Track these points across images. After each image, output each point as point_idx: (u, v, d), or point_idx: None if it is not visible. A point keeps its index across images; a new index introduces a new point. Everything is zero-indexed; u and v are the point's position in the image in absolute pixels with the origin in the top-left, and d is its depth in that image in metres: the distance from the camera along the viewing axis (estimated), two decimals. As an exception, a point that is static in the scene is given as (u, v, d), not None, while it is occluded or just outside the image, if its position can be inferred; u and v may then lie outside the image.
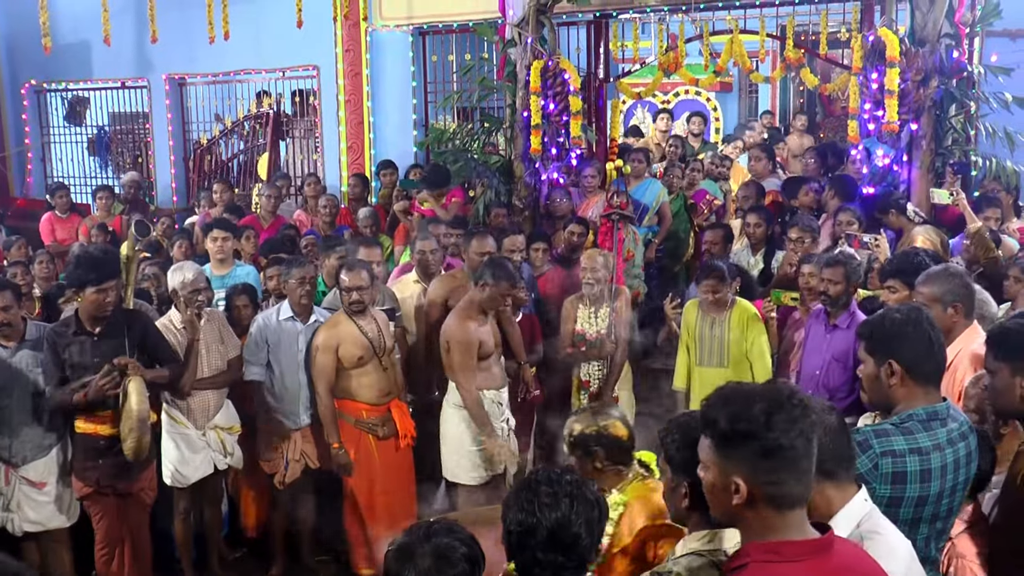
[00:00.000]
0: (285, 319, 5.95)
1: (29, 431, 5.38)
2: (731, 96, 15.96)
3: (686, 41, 10.46)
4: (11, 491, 5.39)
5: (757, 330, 6.09)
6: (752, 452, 2.17)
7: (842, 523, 2.63)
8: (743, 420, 2.18)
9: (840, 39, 10.95)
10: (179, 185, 12.89)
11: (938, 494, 2.96)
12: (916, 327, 3.08)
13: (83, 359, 5.24)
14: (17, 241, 8.86)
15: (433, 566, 2.58)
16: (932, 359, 3.09)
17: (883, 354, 3.10)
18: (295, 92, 12.58)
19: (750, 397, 2.21)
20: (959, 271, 4.53)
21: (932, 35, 7.60)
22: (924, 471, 2.93)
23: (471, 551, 2.66)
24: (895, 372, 3.06)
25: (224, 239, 7.21)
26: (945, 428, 3.01)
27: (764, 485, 2.18)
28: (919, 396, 3.06)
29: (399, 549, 2.65)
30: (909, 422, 2.99)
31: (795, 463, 2.18)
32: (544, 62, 8.26)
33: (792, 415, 2.16)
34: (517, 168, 8.57)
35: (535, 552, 2.52)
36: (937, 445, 2.97)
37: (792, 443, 2.16)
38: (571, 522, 2.51)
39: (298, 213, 9.61)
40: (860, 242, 6.20)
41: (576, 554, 2.54)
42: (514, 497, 2.60)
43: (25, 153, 13.94)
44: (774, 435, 2.15)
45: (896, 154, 7.77)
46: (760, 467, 2.18)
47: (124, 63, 12.64)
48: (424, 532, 2.67)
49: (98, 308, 5.22)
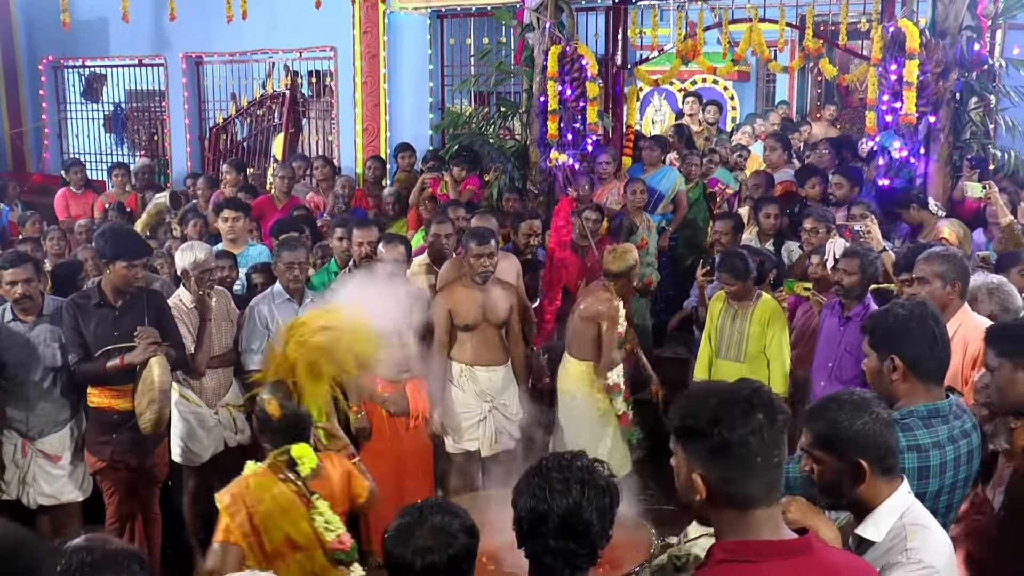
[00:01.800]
0: (281, 302, 5.95)
1: (45, 405, 5.41)
2: (748, 85, 15.91)
3: (705, 29, 10.42)
4: (27, 464, 5.43)
5: (779, 327, 6.04)
6: (702, 448, 2.18)
7: (885, 515, 2.63)
8: (691, 416, 2.19)
9: (860, 29, 10.89)
10: (194, 164, 12.89)
11: (936, 491, 2.95)
12: (920, 323, 3.08)
13: (103, 331, 5.28)
14: (32, 217, 8.89)
15: (434, 544, 2.63)
16: (935, 356, 3.08)
17: (886, 349, 3.10)
18: (311, 73, 12.57)
19: (707, 394, 2.22)
20: (960, 253, 4.67)
21: (953, 27, 7.56)
22: (923, 468, 2.92)
23: (469, 526, 2.72)
24: (897, 368, 3.06)
25: (235, 219, 7.21)
26: (947, 425, 3.00)
27: (719, 482, 2.18)
28: (920, 393, 3.06)
29: (398, 531, 2.70)
30: (909, 419, 2.99)
31: (746, 461, 2.15)
32: (562, 47, 8.24)
33: (746, 413, 2.14)
34: (532, 153, 8.56)
35: (547, 539, 2.51)
36: (937, 443, 2.96)
37: (743, 441, 2.13)
38: (582, 508, 2.50)
39: (311, 195, 9.63)
40: (851, 231, 6.17)
41: (588, 541, 2.53)
42: (525, 483, 2.59)
43: (42, 129, 13.98)
44: (721, 432, 2.14)
45: (913, 147, 7.73)
46: (713, 464, 2.17)
47: (141, 41, 12.65)
48: (420, 512, 2.72)
49: (126, 283, 5.28)
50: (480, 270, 5.90)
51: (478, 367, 6.09)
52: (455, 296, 6.00)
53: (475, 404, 6.07)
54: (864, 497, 2.63)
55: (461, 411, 6.08)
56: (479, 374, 6.09)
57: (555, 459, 2.63)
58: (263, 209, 8.44)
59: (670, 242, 8.82)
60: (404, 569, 2.66)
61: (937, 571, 2.54)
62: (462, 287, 6.01)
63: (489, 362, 6.10)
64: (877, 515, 2.62)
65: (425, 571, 2.63)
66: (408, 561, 2.64)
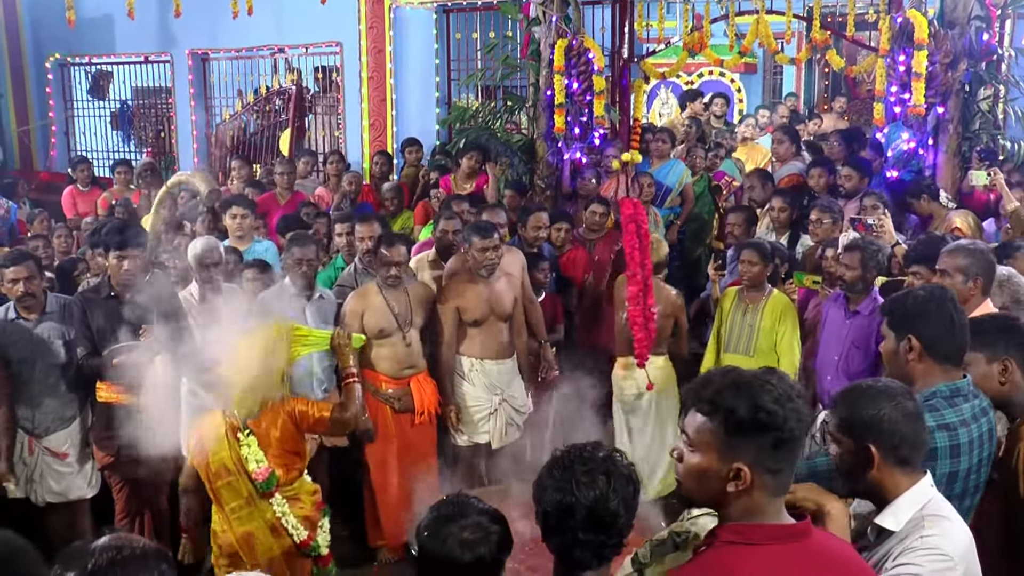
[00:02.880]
0: (291, 295, 5.95)
1: (51, 402, 5.42)
2: (755, 77, 15.87)
3: (711, 21, 10.39)
4: (34, 461, 5.44)
5: (790, 323, 6.02)
6: (766, 442, 2.17)
7: (905, 506, 2.64)
8: (763, 411, 2.16)
9: (867, 20, 10.86)
10: (201, 160, 12.90)
11: (967, 470, 2.96)
12: (939, 305, 3.11)
13: (110, 323, 5.28)
14: (40, 214, 8.90)
15: (470, 539, 2.62)
16: (952, 339, 3.09)
17: (903, 330, 3.13)
18: (318, 68, 12.56)
19: (760, 386, 2.19)
20: (985, 247, 4.58)
21: (962, 17, 7.51)
22: (953, 447, 2.92)
23: (498, 516, 2.72)
24: (913, 348, 3.08)
25: (243, 216, 7.21)
26: (968, 403, 3.02)
27: (765, 473, 2.18)
28: (937, 374, 3.07)
29: (433, 524, 2.68)
30: (933, 399, 2.99)
31: (797, 453, 2.23)
32: (568, 41, 8.20)
33: (798, 407, 2.18)
34: (539, 147, 8.54)
35: (575, 532, 2.50)
36: (963, 420, 2.97)
37: (801, 435, 2.19)
38: (608, 499, 2.50)
39: (319, 190, 9.62)
40: (864, 225, 6.14)
41: (616, 531, 2.53)
42: (548, 476, 2.57)
43: (49, 127, 14.01)
44: (790, 426, 2.16)
45: (921, 138, 7.69)
46: (768, 456, 2.18)
47: (147, 38, 12.66)
48: (455, 507, 2.71)
49: (117, 274, 5.28)
50: (484, 263, 5.89)
51: (487, 360, 6.09)
52: (462, 292, 5.99)
53: (485, 397, 6.08)
54: (882, 486, 2.65)
55: (472, 405, 6.08)
56: (488, 367, 6.09)
57: (576, 451, 2.61)
58: (267, 206, 8.45)
59: (678, 235, 8.79)
60: (448, 562, 2.63)
61: (950, 559, 2.54)
62: (468, 283, 6.00)
63: (497, 355, 6.10)
64: (896, 505, 2.64)
65: (473, 565, 2.61)
66: (454, 555, 2.61)
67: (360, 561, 6.13)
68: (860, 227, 6.13)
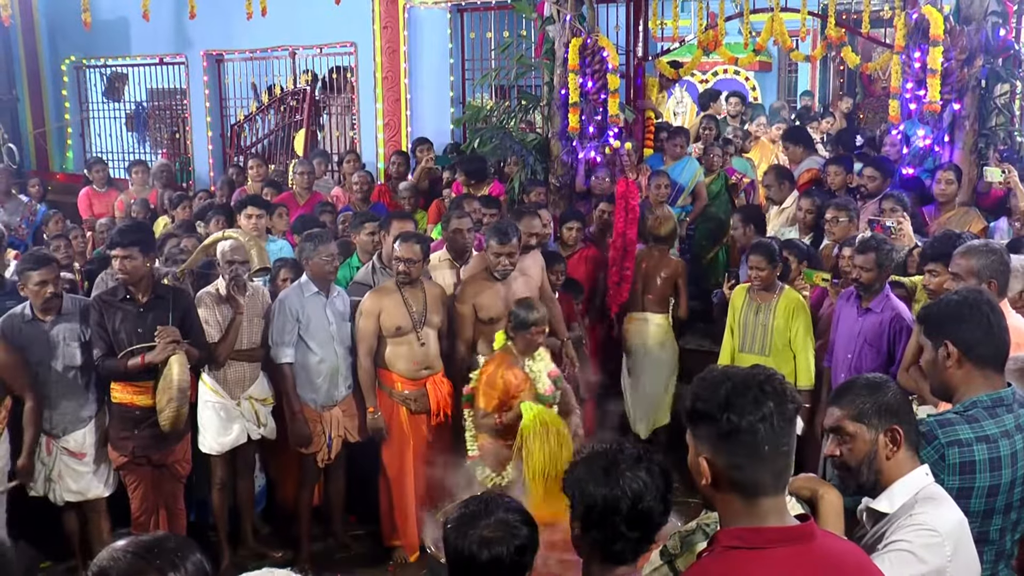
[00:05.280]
0: (311, 295, 5.96)
1: (67, 403, 5.48)
2: (770, 75, 15.80)
3: (726, 19, 10.36)
4: (53, 461, 5.50)
5: (802, 320, 6.01)
6: (712, 433, 2.15)
7: (900, 491, 2.66)
8: (703, 400, 2.17)
9: (883, 17, 10.82)
10: (216, 161, 12.95)
11: (1010, 483, 2.89)
12: (974, 309, 3.00)
13: (126, 327, 5.33)
14: (55, 215, 8.94)
15: (498, 536, 2.63)
16: (991, 342, 2.99)
17: (939, 336, 3.03)
18: (332, 69, 12.58)
19: (721, 379, 2.18)
20: (999, 247, 4.46)
21: (978, 13, 7.47)
22: (993, 459, 2.86)
23: (529, 518, 2.72)
24: (951, 354, 2.99)
25: (258, 216, 7.22)
26: (1012, 414, 2.94)
27: (726, 468, 2.15)
28: (978, 380, 2.98)
29: (461, 522, 2.68)
30: (973, 409, 2.92)
31: (754, 448, 2.12)
32: (583, 40, 8.19)
33: (757, 400, 2.12)
34: (554, 147, 8.53)
35: (619, 527, 2.52)
36: (1005, 432, 2.89)
37: (752, 427, 2.10)
38: (651, 494, 2.53)
39: (336, 190, 9.64)
40: (883, 227, 6.10)
41: (655, 527, 2.56)
42: (587, 472, 2.58)
43: (65, 129, 14.07)
44: (731, 417, 2.11)
45: (937, 135, 7.65)
46: (720, 449, 2.15)
47: (162, 39, 12.71)
48: (483, 505, 2.72)
49: (121, 272, 5.31)
50: (499, 268, 5.88)
51: None
52: (479, 291, 5.99)
53: None
54: (888, 473, 2.67)
55: None
56: None
57: (616, 446, 2.63)
58: (286, 205, 8.45)
59: (688, 231, 8.79)
60: (467, 560, 2.64)
61: (939, 535, 2.54)
62: (484, 281, 6.00)
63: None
64: (892, 490, 2.66)
65: (491, 563, 2.62)
66: (473, 553, 2.62)
67: (376, 561, 6.15)
68: (879, 229, 6.10)
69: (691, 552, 2.60)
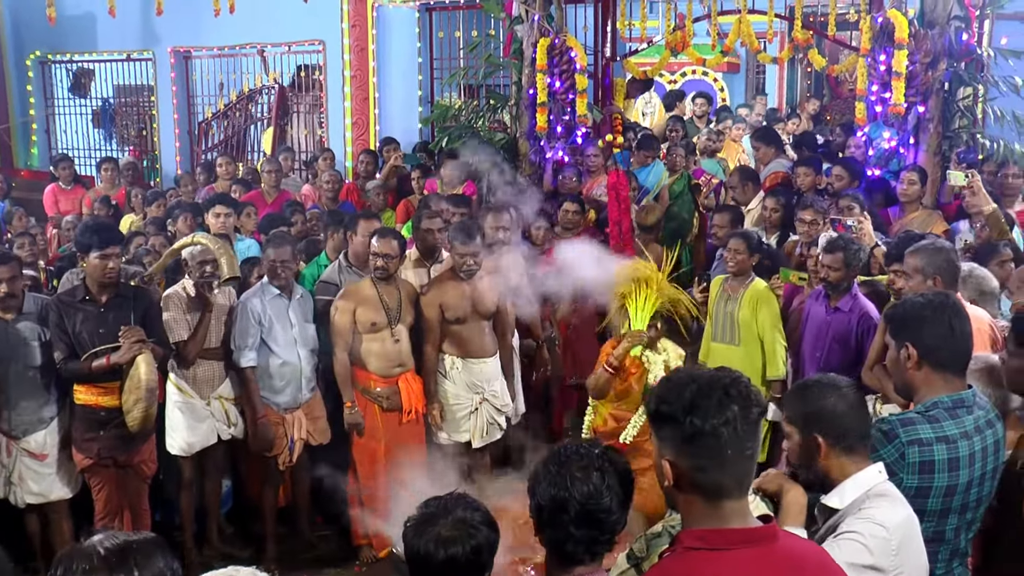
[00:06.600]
0: (272, 297, 5.93)
1: (27, 403, 5.35)
2: (738, 77, 15.92)
3: (694, 20, 10.42)
4: (13, 463, 5.38)
5: (767, 311, 6.04)
6: (675, 435, 2.16)
7: (851, 488, 2.69)
8: (666, 402, 2.17)
9: (849, 20, 10.91)
10: (183, 159, 12.86)
11: (967, 483, 2.93)
12: (936, 312, 3.04)
13: (87, 328, 5.25)
14: (17, 211, 8.82)
15: (454, 536, 2.63)
16: (952, 347, 3.02)
17: (902, 337, 3.08)
18: (300, 67, 12.53)
19: (686, 381, 2.18)
20: (946, 246, 4.60)
21: (942, 17, 7.57)
22: (952, 459, 2.89)
23: (490, 519, 2.73)
24: (910, 356, 3.03)
25: (227, 215, 7.18)
26: (972, 416, 2.98)
27: (689, 470, 2.16)
28: (938, 383, 3.01)
29: (419, 522, 2.69)
30: (935, 410, 2.96)
31: (717, 451, 2.12)
32: (551, 40, 8.21)
33: (721, 403, 2.12)
34: (522, 146, 8.55)
35: (568, 527, 2.52)
36: (964, 433, 2.93)
37: (715, 430, 2.10)
38: (602, 495, 2.52)
39: (306, 188, 9.60)
40: (844, 226, 6.16)
41: (608, 527, 2.55)
42: (543, 471, 2.59)
43: (29, 125, 13.92)
44: (695, 420, 2.12)
45: (902, 137, 7.73)
46: (682, 451, 2.15)
47: (129, 35, 12.61)
48: (442, 505, 2.72)
49: (101, 273, 5.23)
50: (465, 268, 5.89)
51: (469, 359, 6.09)
52: (444, 291, 5.99)
53: (466, 396, 6.07)
54: (832, 473, 2.72)
55: (453, 403, 6.08)
56: (470, 366, 6.08)
57: (572, 447, 2.64)
58: (254, 204, 8.41)
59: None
60: (424, 560, 2.65)
61: (885, 529, 2.58)
62: (450, 281, 6.00)
63: (479, 354, 6.10)
64: (843, 487, 2.70)
65: (447, 563, 2.62)
66: (430, 552, 2.63)
67: (343, 561, 6.13)
68: (840, 227, 6.16)
69: (657, 554, 2.62)
